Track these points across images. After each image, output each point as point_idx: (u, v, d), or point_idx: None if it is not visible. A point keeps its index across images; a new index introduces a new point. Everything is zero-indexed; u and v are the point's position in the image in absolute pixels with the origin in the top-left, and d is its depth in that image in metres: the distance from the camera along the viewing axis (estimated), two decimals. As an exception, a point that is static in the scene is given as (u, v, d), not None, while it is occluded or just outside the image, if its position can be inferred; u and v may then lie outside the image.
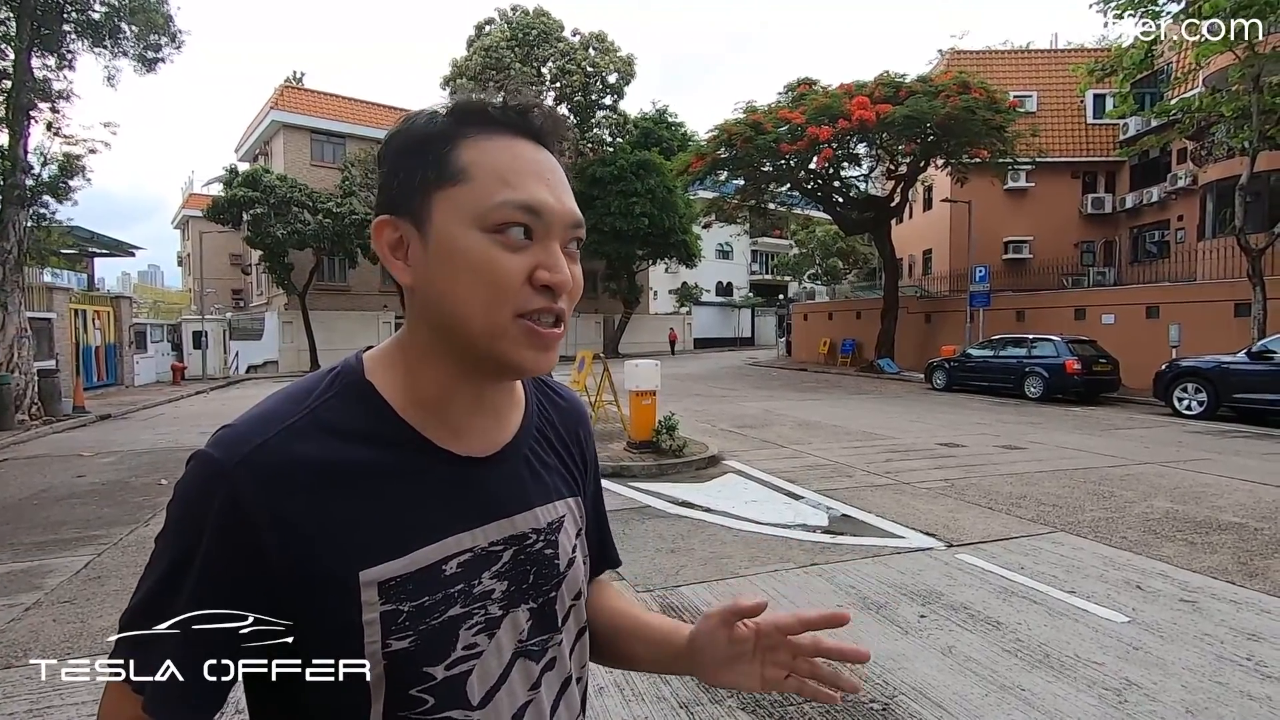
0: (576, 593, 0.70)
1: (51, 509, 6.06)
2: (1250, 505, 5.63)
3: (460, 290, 0.57)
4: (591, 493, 0.80)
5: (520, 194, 0.57)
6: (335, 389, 0.61)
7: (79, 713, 2.64)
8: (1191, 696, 2.68)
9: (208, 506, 0.54)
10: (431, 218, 0.58)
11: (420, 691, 0.57)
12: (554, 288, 0.57)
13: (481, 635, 0.61)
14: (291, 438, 0.57)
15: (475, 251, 0.56)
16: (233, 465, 0.54)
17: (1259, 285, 12.81)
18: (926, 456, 7.92)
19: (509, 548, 0.64)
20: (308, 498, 0.55)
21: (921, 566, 4.26)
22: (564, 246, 0.60)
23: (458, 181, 0.57)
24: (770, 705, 2.66)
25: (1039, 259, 24.79)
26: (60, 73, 12.39)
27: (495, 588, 0.62)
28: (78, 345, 17.35)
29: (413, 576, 0.57)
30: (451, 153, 0.58)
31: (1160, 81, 20.30)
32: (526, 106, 0.60)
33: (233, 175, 25.82)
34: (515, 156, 0.58)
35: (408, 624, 0.57)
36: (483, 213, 0.56)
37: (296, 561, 0.54)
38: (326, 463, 0.57)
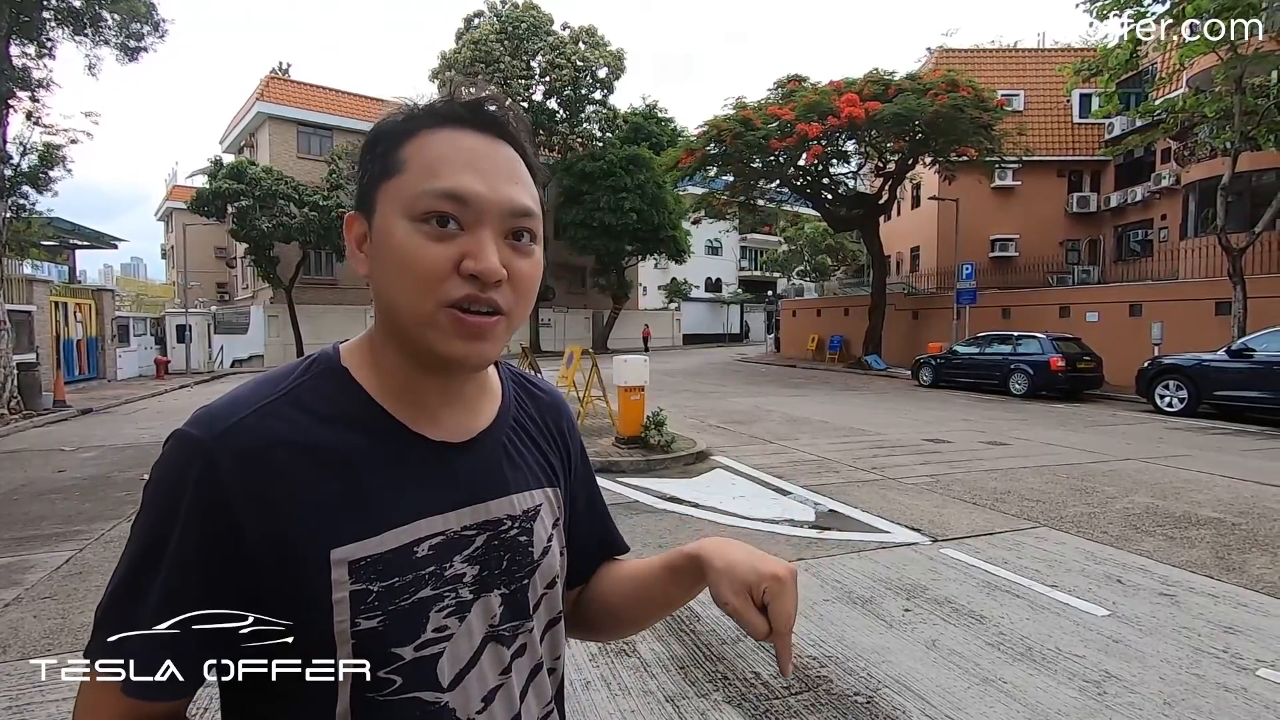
0: (550, 581, 0.70)
1: (32, 504, 5.98)
2: (1228, 501, 5.73)
3: (390, 279, 0.58)
4: (583, 484, 0.81)
5: (444, 182, 0.57)
6: (311, 373, 0.62)
7: (59, 709, 2.61)
8: (1169, 688, 2.73)
9: (185, 482, 0.55)
10: (375, 210, 0.59)
11: (389, 672, 0.57)
12: (480, 276, 0.57)
13: (452, 618, 0.61)
14: (268, 417, 0.58)
15: (402, 240, 0.57)
16: (210, 441, 0.55)
17: (1239, 284, 13.00)
18: (912, 452, 7.99)
19: (482, 533, 0.64)
20: (282, 475, 0.56)
21: (906, 561, 4.30)
22: (504, 236, 0.59)
23: (395, 174, 0.58)
24: (755, 699, 2.68)
25: (1025, 257, 25.03)
26: (40, 61, 12.19)
27: (467, 571, 0.62)
28: (58, 339, 17.09)
29: (383, 557, 0.58)
30: (396, 148, 0.59)
31: (1145, 82, 20.51)
32: (478, 99, 0.61)
33: (217, 167, 25.51)
34: (451, 147, 0.58)
35: (376, 604, 0.57)
36: (409, 201, 0.57)
37: (269, 537, 0.55)
38: (301, 442, 0.57)
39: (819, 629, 3.30)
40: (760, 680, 2.82)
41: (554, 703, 0.72)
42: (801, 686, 2.77)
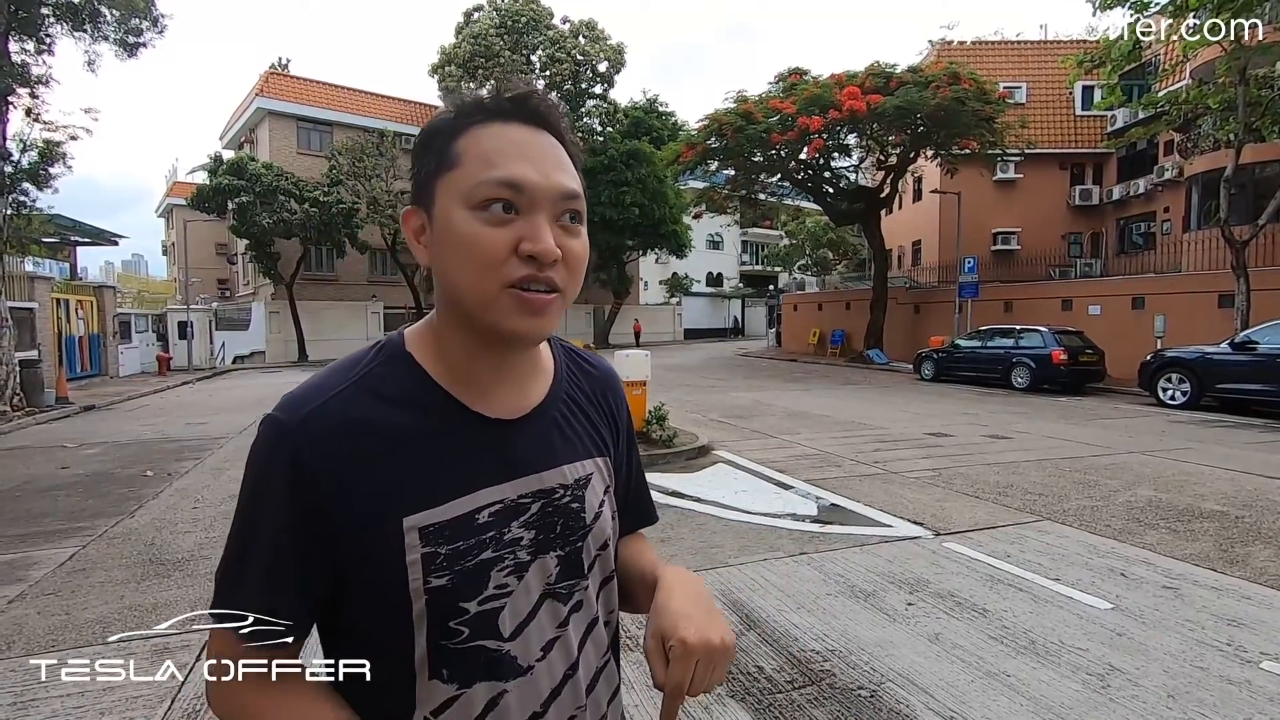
0: (603, 543, 0.76)
1: (35, 501, 5.99)
2: (1231, 494, 5.72)
3: (454, 264, 0.64)
4: (626, 454, 0.87)
5: (500, 171, 0.62)
6: (380, 360, 0.69)
7: (64, 705, 2.61)
8: (1173, 681, 2.72)
9: (276, 461, 0.63)
10: (435, 202, 0.65)
11: (457, 624, 0.65)
12: (538, 257, 0.62)
13: (511, 577, 0.68)
14: (342, 402, 0.65)
15: (463, 227, 0.62)
16: (295, 425, 0.63)
17: (1242, 277, 12.95)
18: (914, 446, 7.98)
19: (537, 500, 0.70)
20: (357, 453, 0.63)
21: (909, 555, 4.30)
22: (556, 220, 0.65)
23: (452, 167, 0.64)
24: (760, 693, 2.68)
25: (1027, 250, 24.94)
26: (39, 57, 12.14)
27: (524, 536, 0.69)
28: (60, 335, 17.10)
29: (448, 524, 0.65)
30: (451, 143, 0.64)
31: (1148, 74, 20.42)
32: (522, 95, 0.66)
33: (217, 163, 25.48)
34: (503, 139, 0.64)
35: (445, 564, 0.64)
36: (468, 191, 0.62)
37: (349, 508, 0.62)
38: (372, 423, 0.65)
39: (822, 623, 3.30)
40: (764, 674, 2.82)
41: (610, 652, 0.78)
42: (805, 681, 2.78)
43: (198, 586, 3.83)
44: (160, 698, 2.66)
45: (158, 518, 5.33)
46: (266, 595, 0.63)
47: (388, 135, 28.00)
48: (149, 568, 4.18)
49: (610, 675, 0.78)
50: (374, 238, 27.93)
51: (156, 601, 3.62)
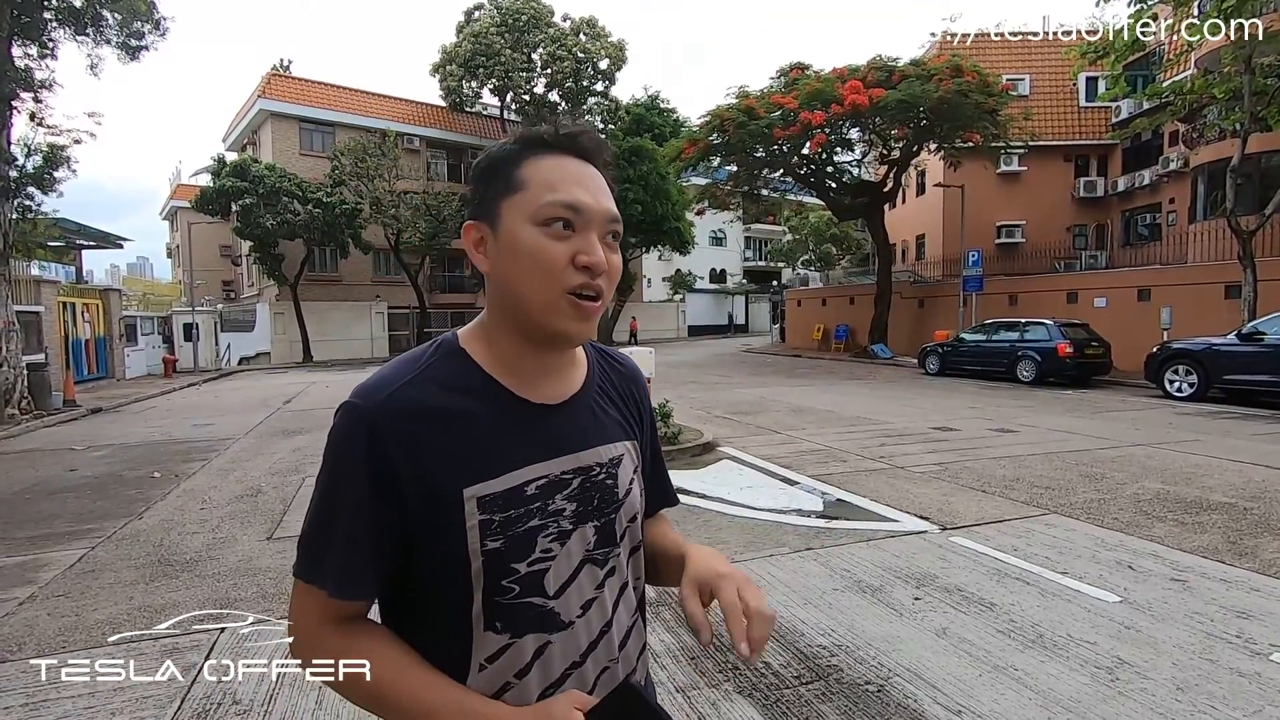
0: (632, 516, 0.87)
1: (44, 503, 6.03)
2: (1240, 485, 5.69)
3: (521, 272, 0.74)
4: (649, 441, 0.97)
5: (562, 195, 0.73)
6: (439, 355, 0.80)
7: (75, 706, 2.63)
8: (1182, 674, 2.71)
9: (354, 440, 0.72)
10: (501, 220, 0.75)
11: (508, 582, 0.75)
12: (592, 267, 0.74)
13: (555, 543, 0.77)
14: (410, 389, 0.75)
15: (530, 241, 0.73)
16: (371, 410, 0.72)
17: (1249, 267, 12.88)
18: (920, 441, 7.96)
19: (577, 476, 0.80)
20: (423, 432, 0.73)
21: (915, 549, 4.29)
22: (602, 238, 0.76)
23: (518, 190, 0.75)
24: (767, 689, 2.68)
25: (1031, 243, 24.85)
26: (42, 62, 12.16)
27: (566, 507, 0.79)
28: (67, 338, 17.19)
29: (502, 495, 0.74)
30: (516, 170, 0.75)
31: (1152, 64, 20.29)
32: (575, 132, 0.77)
33: (221, 165, 25.54)
34: (562, 169, 0.75)
35: (499, 530, 0.74)
36: (534, 211, 0.73)
37: (418, 480, 0.72)
38: (436, 407, 0.75)
39: (829, 618, 3.30)
40: (771, 670, 2.82)
41: (638, 613, 0.89)
42: (812, 676, 2.77)
43: (206, 587, 3.85)
44: (170, 697, 2.67)
45: (166, 519, 5.36)
46: (346, 563, 0.72)
47: (390, 135, 28.02)
48: (158, 569, 4.20)
49: (639, 633, 0.89)
50: (377, 238, 27.97)
51: (165, 602, 3.64)
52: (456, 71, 30.56)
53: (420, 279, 30.03)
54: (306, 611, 0.75)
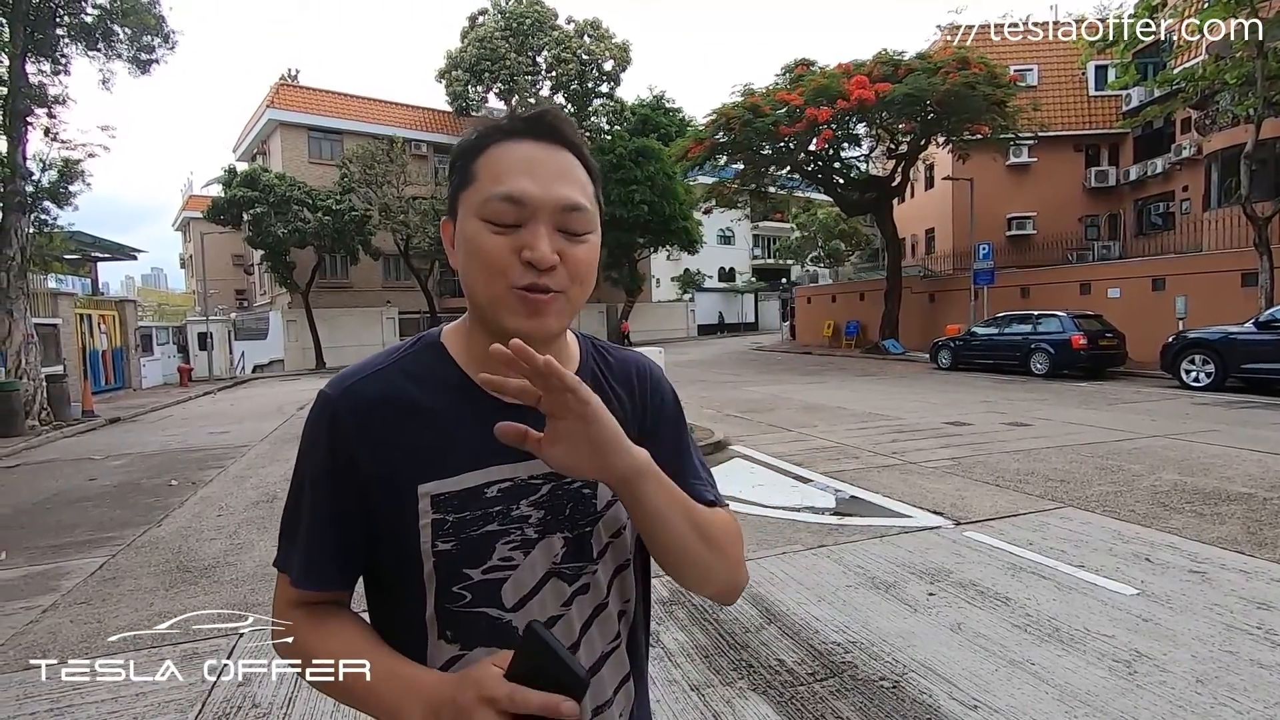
0: (615, 530, 0.79)
1: (64, 512, 6.12)
2: (1259, 475, 5.62)
3: (470, 268, 0.71)
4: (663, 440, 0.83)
5: (503, 187, 0.69)
6: (416, 348, 0.78)
7: (99, 710, 2.67)
8: (1201, 666, 2.69)
9: (318, 428, 0.73)
10: (458, 214, 0.73)
11: (460, 588, 0.71)
12: (534, 263, 0.68)
13: (517, 551, 0.73)
14: (378, 379, 0.74)
15: (473, 236, 0.70)
16: (336, 397, 0.73)
17: (1265, 254, 12.70)
18: (933, 436, 7.92)
19: (547, 482, 0.75)
20: (384, 424, 0.71)
21: (929, 545, 4.27)
22: (559, 228, 0.70)
23: (470, 184, 0.71)
24: (781, 686, 2.68)
25: (1043, 234, 24.61)
26: (55, 77, 12.37)
27: (532, 514, 0.74)
28: (84, 350, 17.44)
29: (458, 494, 0.71)
30: (472, 162, 0.72)
31: (1163, 50, 20.03)
32: (535, 114, 0.73)
33: (231, 175, 25.80)
34: (512, 157, 0.70)
35: (451, 531, 0.71)
36: (479, 205, 0.70)
37: (375, 469, 0.71)
38: (401, 400, 0.73)
39: (843, 614, 3.30)
40: (785, 667, 2.82)
41: (623, 641, 0.81)
42: (827, 673, 2.77)
43: (225, 592, 3.90)
44: (191, 700, 2.71)
45: (184, 526, 5.43)
46: (308, 553, 0.72)
47: (397, 141, 28.22)
48: (177, 575, 4.26)
49: (619, 662, 0.80)
50: (386, 244, 28.17)
51: (185, 608, 3.69)
52: (462, 76, 30.69)
53: (430, 284, 30.20)
54: (278, 596, 0.76)
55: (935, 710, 2.47)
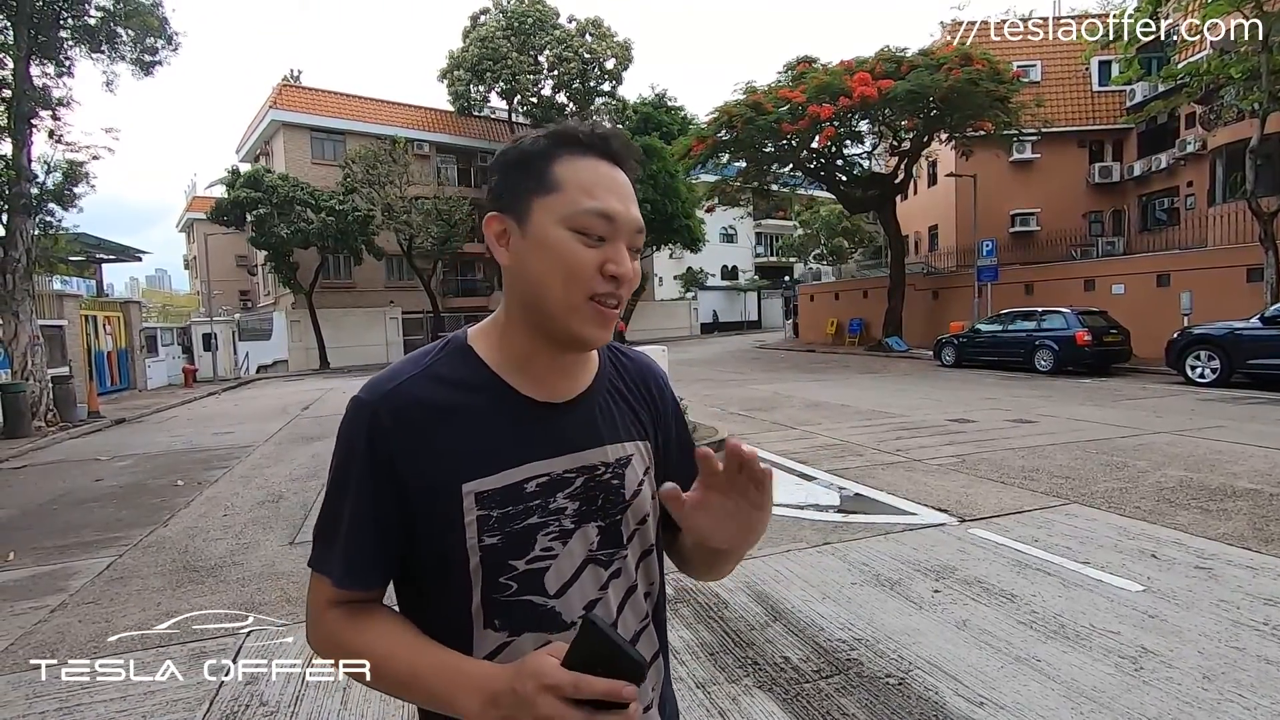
0: (641, 518, 0.84)
1: (71, 513, 6.15)
2: (1266, 471, 5.60)
3: (547, 273, 0.73)
4: (677, 438, 0.94)
5: (599, 203, 0.73)
6: (445, 351, 0.81)
7: (107, 709, 2.69)
8: (1208, 662, 2.68)
9: (359, 432, 0.74)
10: (531, 217, 0.74)
11: (507, 579, 0.75)
12: (618, 278, 0.74)
13: (556, 541, 0.77)
14: (413, 384, 0.76)
15: (562, 244, 0.73)
16: (373, 403, 0.74)
17: (1271, 249, 12.65)
18: (937, 433, 7.91)
19: (580, 475, 0.79)
20: (424, 428, 0.74)
21: (934, 542, 4.26)
22: (629, 246, 0.76)
23: (552, 191, 0.74)
24: (786, 683, 2.68)
25: (1046, 231, 24.53)
26: (59, 80, 12.41)
27: (568, 506, 0.78)
28: (89, 351, 17.51)
29: (500, 491, 0.75)
30: (549, 168, 0.74)
31: (1166, 45, 19.94)
32: (607, 134, 0.77)
33: (234, 177, 25.86)
34: (596, 174, 0.75)
35: (496, 526, 0.74)
36: (569, 215, 0.73)
37: (417, 473, 0.73)
38: (438, 403, 0.75)
39: (848, 612, 3.29)
40: (790, 665, 2.83)
41: (651, 620, 0.86)
42: (832, 670, 2.77)
43: (230, 592, 3.91)
44: (199, 699, 2.72)
45: (190, 526, 5.45)
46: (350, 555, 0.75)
47: (399, 142, 28.25)
48: (183, 574, 4.27)
49: (650, 638, 0.86)
50: (389, 244, 28.21)
51: (192, 607, 3.71)
52: (464, 76, 30.71)
53: (433, 283, 30.24)
54: (316, 598, 0.77)
55: (941, 707, 2.47)
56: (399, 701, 2.67)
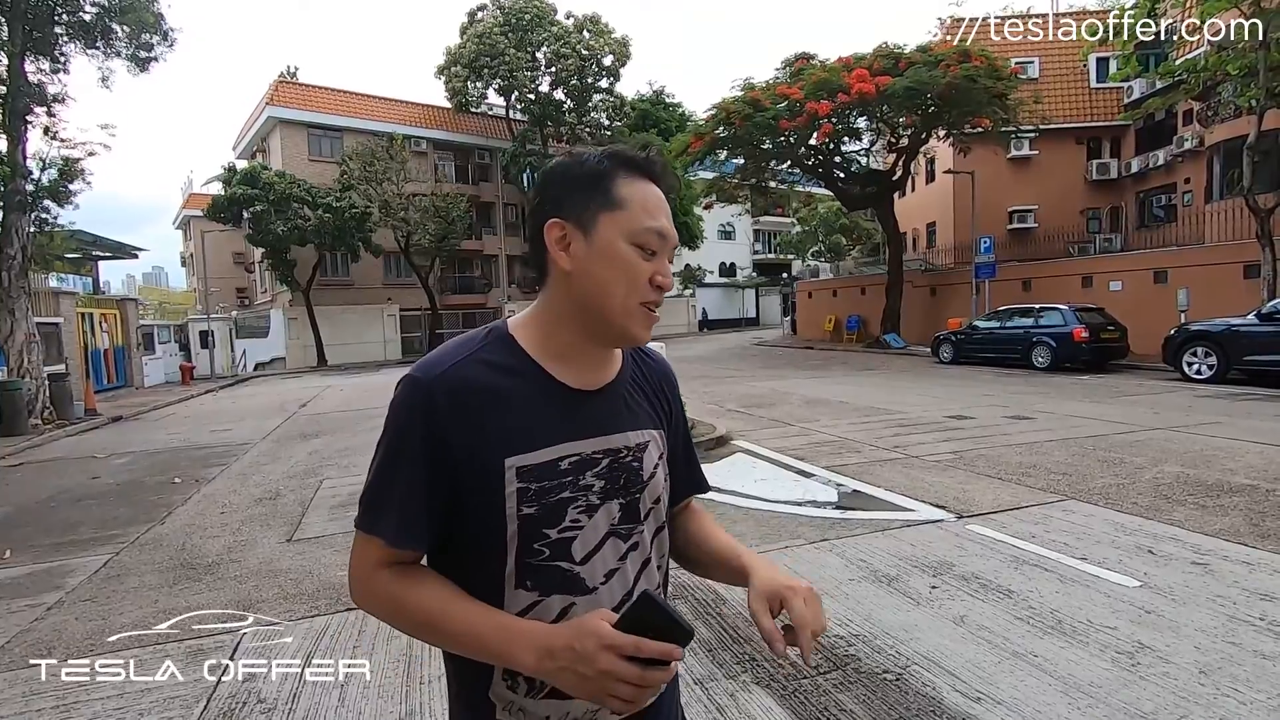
0: (656, 498, 0.94)
1: (69, 510, 6.14)
2: (1262, 467, 5.61)
3: (612, 280, 0.83)
4: (681, 433, 1.05)
5: (657, 223, 0.84)
6: (490, 338, 0.88)
7: (104, 707, 2.68)
8: (1205, 657, 2.69)
9: (414, 408, 0.81)
10: (598, 229, 0.83)
11: (540, 545, 0.83)
12: (664, 287, 0.85)
13: (583, 515, 0.86)
14: (464, 367, 0.84)
15: (626, 256, 0.83)
16: (429, 382, 0.82)
17: (1268, 246, 12.66)
18: (935, 429, 7.92)
19: (607, 457, 0.88)
20: (474, 406, 0.82)
21: (932, 538, 4.27)
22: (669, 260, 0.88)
23: (619, 208, 0.83)
24: (784, 680, 2.69)
25: (1044, 228, 24.53)
26: (55, 76, 12.37)
27: (595, 483, 0.87)
28: (86, 349, 17.45)
29: (538, 466, 0.83)
30: (614, 187, 0.84)
31: (1165, 42, 19.94)
32: (655, 160, 0.87)
33: (231, 174, 25.81)
34: (652, 196, 0.85)
35: (534, 498, 0.82)
36: (633, 230, 0.83)
37: (466, 447, 0.81)
38: (485, 384, 0.83)
39: (846, 608, 3.30)
40: (788, 661, 2.83)
41: (660, 589, 0.95)
42: (830, 666, 2.78)
43: (228, 589, 3.91)
44: (196, 697, 2.72)
45: (187, 523, 5.44)
46: (402, 517, 0.81)
47: (397, 138, 28.20)
48: (180, 572, 4.27)
49: None
50: (387, 241, 28.16)
51: (190, 605, 3.70)
52: (461, 73, 30.64)
53: (431, 281, 30.21)
54: (366, 558, 0.84)
55: (938, 702, 2.47)
56: (395, 698, 2.67)
